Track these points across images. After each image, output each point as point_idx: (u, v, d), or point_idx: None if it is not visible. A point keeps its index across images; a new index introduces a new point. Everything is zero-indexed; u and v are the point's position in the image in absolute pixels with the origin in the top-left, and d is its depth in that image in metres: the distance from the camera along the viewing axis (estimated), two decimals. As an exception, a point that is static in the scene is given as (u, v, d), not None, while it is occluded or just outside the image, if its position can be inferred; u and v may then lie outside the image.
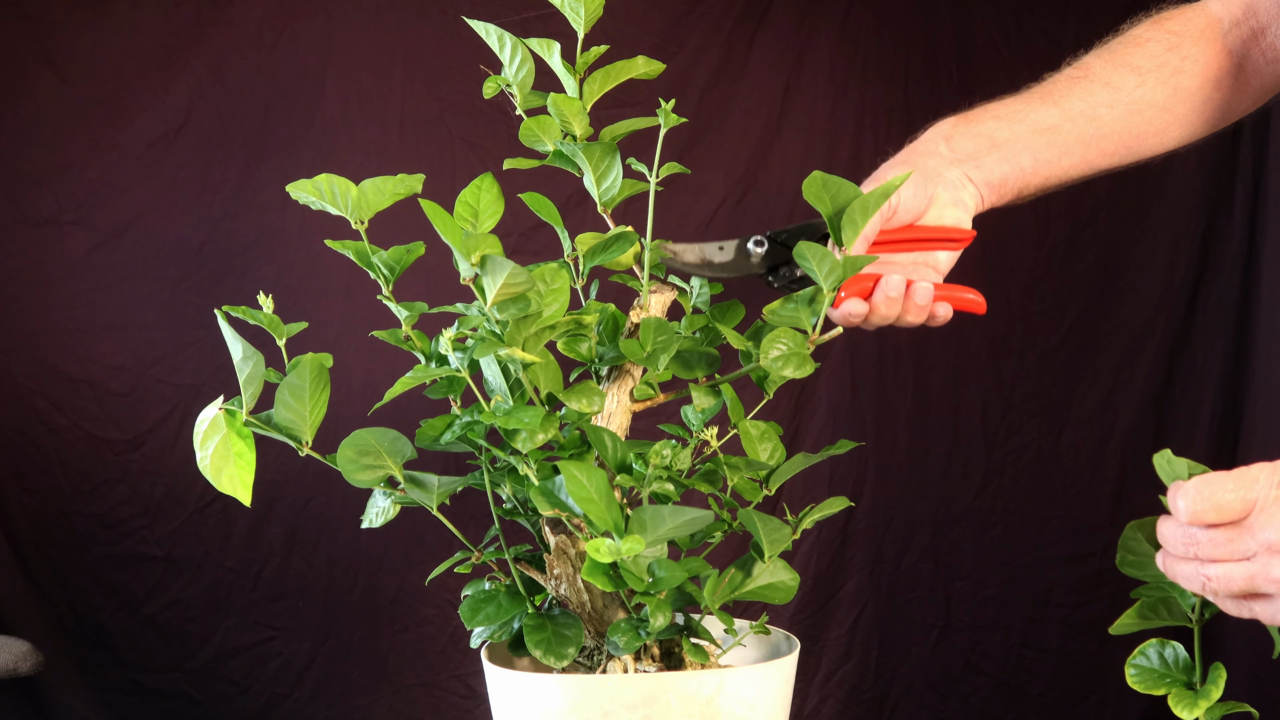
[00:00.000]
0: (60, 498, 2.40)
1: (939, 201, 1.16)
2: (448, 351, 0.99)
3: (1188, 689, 0.96)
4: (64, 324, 2.38)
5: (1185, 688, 0.96)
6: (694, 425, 1.10)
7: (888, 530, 2.53)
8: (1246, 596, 0.84)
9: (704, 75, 2.47)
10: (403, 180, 1.02)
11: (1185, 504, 0.84)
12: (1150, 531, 0.94)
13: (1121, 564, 0.97)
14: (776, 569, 1.03)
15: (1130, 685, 0.98)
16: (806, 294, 1.04)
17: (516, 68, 1.09)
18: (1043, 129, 1.18)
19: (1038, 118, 1.18)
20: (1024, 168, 1.18)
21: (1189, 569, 0.86)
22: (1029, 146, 1.17)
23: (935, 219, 1.16)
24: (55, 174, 2.37)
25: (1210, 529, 0.83)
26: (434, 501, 1.03)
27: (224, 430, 0.99)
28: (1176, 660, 0.98)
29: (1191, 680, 0.96)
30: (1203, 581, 0.85)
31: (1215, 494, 0.83)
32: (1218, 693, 0.94)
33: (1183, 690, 0.96)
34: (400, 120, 2.43)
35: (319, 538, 2.43)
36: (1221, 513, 0.83)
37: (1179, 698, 0.95)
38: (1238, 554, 0.83)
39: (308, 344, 1.04)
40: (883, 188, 1.01)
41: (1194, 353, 2.51)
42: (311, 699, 2.44)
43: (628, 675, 1.00)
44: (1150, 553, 0.94)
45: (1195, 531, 0.84)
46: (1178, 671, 0.97)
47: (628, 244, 1.07)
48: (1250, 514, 0.82)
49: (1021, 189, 1.20)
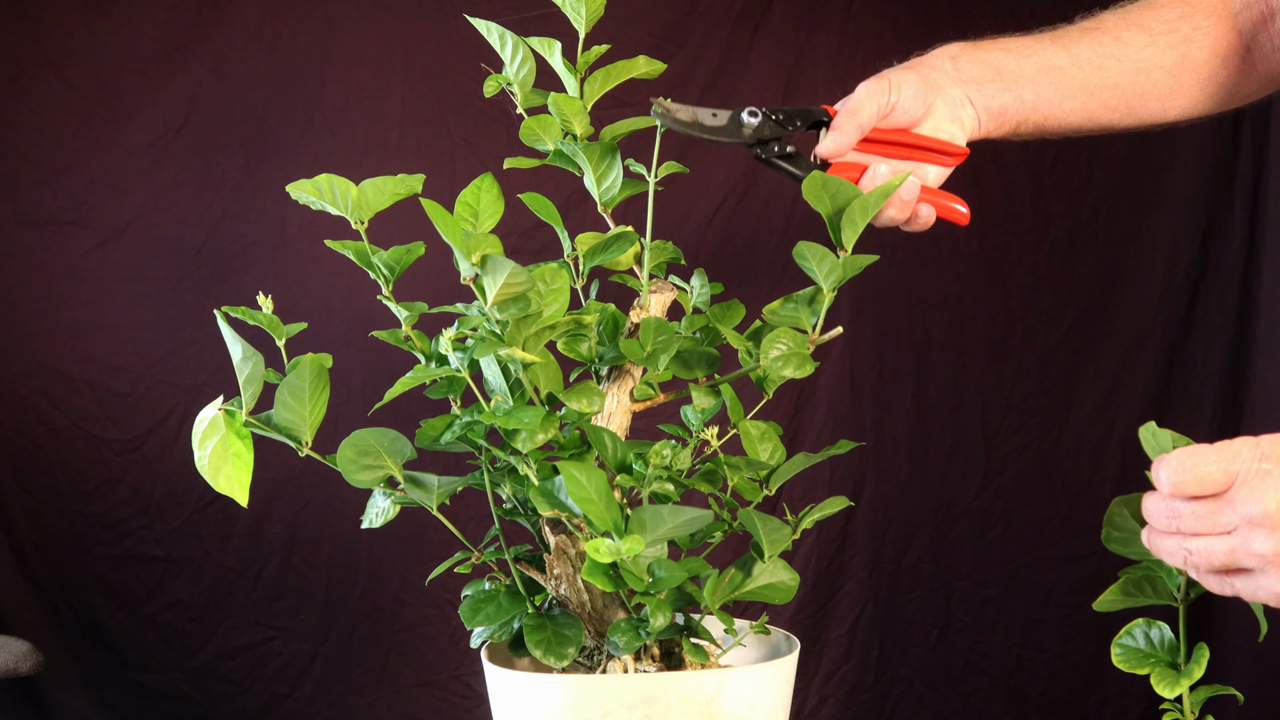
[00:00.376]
0: (60, 498, 2.40)
1: (936, 114, 1.16)
2: (448, 351, 0.99)
3: (1171, 668, 0.96)
4: (64, 324, 2.38)
5: (1169, 667, 0.96)
6: (694, 425, 1.10)
7: (888, 530, 2.53)
8: (1228, 572, 0.85)
9: (704, 75, 2.47)
10: (403, 180, 1.03)
11: (1167, 475, 0.84)
12: (1136, 508, 0.94)
13: (1107, 540, 0.98)
14: (776, 569, 1.03)
15: (1115, 665, 0.98)
16: (806, 294, 1.04)
17: (517, 67, 1.09)
18: (1049, 68, 1.19)
19: (1045, 56, 1.19)
20: (1025, 101, 1.18)
21: (1172, 544, 0.86)
22: (1033, 81, 1.18)
23: (931, 130, 1.16)
24: (55, 174, 2.37)
25: (1192, 502, 0.84)
26: (434, 501, 1.03)
27: (223, 430, 0.99)
28: (1162, 641, 0.98)
29: (1176, 660, 0.96)
30: (1184, 555, 0.85)
31: (1197, 465, 0.83)
32: (1199, 671, 0.94)
33: (1165, 669, 0.96)
34: (400, 120, 2.43)
35: (319, 538, 2.43)
36: (1203, 484, 0.83)
37: (1161, 676, 0.95)
38: (1219, 528, 0.83)
39: (308, 344, 1.04)
40: (882, 187, 1.01)
41: (1194, 353, 2.51)
42: (311, 699, 2.44)
43: (628, 675, 1.00)
44: (1136, 529, 0.95)
45: (1178, 504, 0.84)
46: (1163, 652, 0.97)
47: (628, 244, 1.07)
48: (1232, 487, 0.82)
49: (1020, 123, 1.20)
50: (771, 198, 2.49)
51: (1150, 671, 0.96)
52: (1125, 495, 0.96)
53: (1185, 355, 2.51)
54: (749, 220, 2.49)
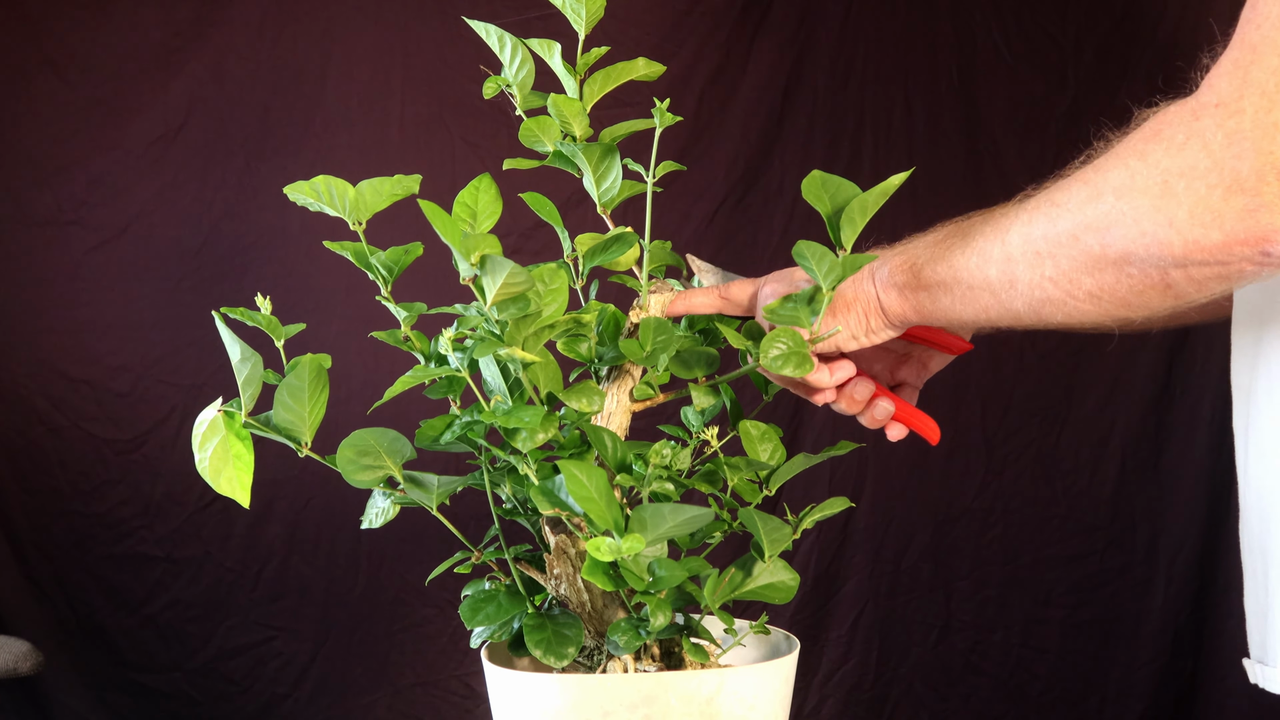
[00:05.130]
0: (60, 498, 2.40)
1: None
2: (447, 351, 0.99)
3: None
4: (64, 324, 2.38)
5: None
6: (693, 425, 1.10)
7: (888, 530, 2.53)
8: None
9: (704, 75, 2.47)
10: (400, 181, 1.02)
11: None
12: None
13: None
14: (776, 569, 1.03)
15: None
16: (806, 294, 1.03)
17: (517, 68, 1.09)
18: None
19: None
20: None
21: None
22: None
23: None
24: (55, 174, 2.37)
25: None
26: (434, 501, 1.03)
27: (222, 432, 0.99)
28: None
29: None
30: None
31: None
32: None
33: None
34: (400, 120, 2.43)
35: (319, 538, 2.43)
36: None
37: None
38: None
39: (307, 344, 1.04)
40: (881, 186, 1.01)
41: (1194, 353, 2.51)
42: (311, 699, 2.44)
43: (628, 675, 1.00)
44: None
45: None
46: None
47: (627, 244, 1.07)
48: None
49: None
50: (771, 198, 2.49)
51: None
52: None
53: (1185, 355, 2.51)
54: (749, 220, 2.49)
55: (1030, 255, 0.90)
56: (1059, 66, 2.51)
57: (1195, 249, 0.81)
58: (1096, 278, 0.87)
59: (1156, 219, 0.82)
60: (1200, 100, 0.81)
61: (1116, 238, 0.84)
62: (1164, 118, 0.83)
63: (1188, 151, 0.80)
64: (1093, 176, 0.86)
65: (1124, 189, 0.83)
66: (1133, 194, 0.83)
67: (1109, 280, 0.87)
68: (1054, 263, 0.89)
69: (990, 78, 2.50)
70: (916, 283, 1.00)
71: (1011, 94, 2.50)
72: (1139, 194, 0.82)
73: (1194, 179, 0.80)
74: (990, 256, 0.94)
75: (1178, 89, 0.85)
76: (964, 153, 2.50)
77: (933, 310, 1.00)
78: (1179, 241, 0.81)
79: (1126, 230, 0.83)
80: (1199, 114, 0.81)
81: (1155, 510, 2.51)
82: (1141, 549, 2.50)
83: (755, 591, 1.03)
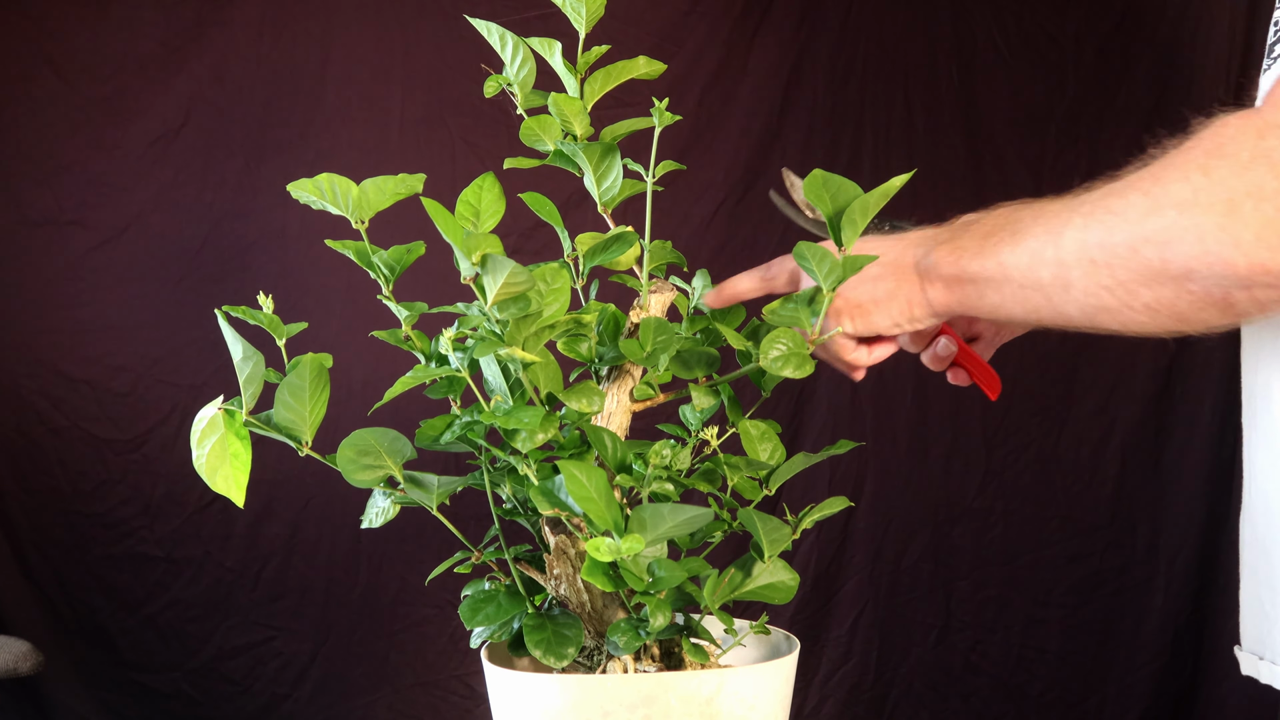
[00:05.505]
0: (60, 498, 2.40)
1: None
2: (448, 351, 0.99)
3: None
4: (64, 324, 2.38)
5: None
6: (693, 425, 1.10)
7: (888, 530, 2.53)
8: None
9: (704, 75, 2.47)
10: (403, 180, 1.02)
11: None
12: None
13: None
14: (776, 569, 1.03)
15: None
16: (806, 294, 1.03)
17: (518, 67, 1.09)
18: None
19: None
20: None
21: None
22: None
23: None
24: (55, 174, 2.37)
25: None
26: (434, 501, 1.03)
27: (221, 430, 0.99)
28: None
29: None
30: None
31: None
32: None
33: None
34: (400, 120, 2.43)
35: (319, 538, 2.43)
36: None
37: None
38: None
39: (308, 344, 1.04)
40: (883, 187, 1.01)
41: (1194, 353, 2.51)
42: (311, 699, 2.44)
43: (628, 675, 1.00)
44: None
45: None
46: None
47: (627, 244, 1.07)
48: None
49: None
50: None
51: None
52: None
53: (1185, 355, 2.51)
54: (749, 220, 2.49)
55: (1085, 262, 0.89)
56: (1059, 66, 2.51)
57: (1261, 271, 0.80)
58: (1155, 291, 0.86)
59: (1221, 238, 0.81)
60: (1265, 119, 0.80)
61: (1178, 254, 0.83)
62: (1227, 132, 0.82)
63: (1254, 171, 0.79)
64: (1152, 188, 0.85)
65: (1187, 204, 0.82)
66: (1196, 210, 0.82)
67: (1168, 294, 0.86)
68: (1110, 272, 0.88)
69: (990, 78, 2.50)
70: (963, 275, 0.99)
71: (1011, 94, 2.50)
72: (1202, 211, 0.81)
73: (1261, 200, 0.79)
74: (1043, 258, 0.92)
75: (1178, 88, 0.84)
76: (964, 153, 2.50)
77: (978, 305, 0.99)
78: (1244, 263, 0.80)
79: (1189, 248, 0.82)
80: (1264, 133, 0.80)
81: (1155, 510, 2.51)
82: (1141, 549, 2.50)
83: (755, 592, 1.03)
